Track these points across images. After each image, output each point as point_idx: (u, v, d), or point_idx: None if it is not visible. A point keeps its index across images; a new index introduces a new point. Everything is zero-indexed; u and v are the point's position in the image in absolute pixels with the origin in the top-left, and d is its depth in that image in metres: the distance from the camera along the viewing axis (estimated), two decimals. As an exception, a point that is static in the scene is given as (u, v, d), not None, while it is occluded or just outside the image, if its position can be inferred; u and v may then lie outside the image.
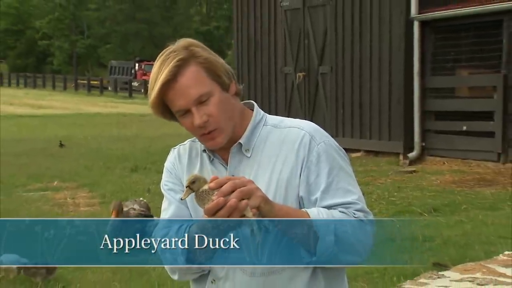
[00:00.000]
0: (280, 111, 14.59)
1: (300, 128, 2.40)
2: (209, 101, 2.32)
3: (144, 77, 53.67)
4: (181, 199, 2.36)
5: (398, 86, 13.12)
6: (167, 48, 2.38)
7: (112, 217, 7.51)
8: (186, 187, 2.24)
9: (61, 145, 17.44)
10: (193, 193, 2.24)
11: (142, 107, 39.29)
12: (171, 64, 2.29)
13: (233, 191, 2.17)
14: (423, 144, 12.86)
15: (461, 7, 12.35)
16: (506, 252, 4.17)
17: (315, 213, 2.28)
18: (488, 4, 12.05)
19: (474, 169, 11.75)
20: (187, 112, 2.32)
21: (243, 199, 2.17)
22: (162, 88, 2.29)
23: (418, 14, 12.64)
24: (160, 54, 2.36)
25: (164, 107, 2.35)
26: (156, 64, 2.33)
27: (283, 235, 2.31)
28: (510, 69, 11.79)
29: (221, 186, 2.17)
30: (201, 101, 2.31)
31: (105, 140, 19.81)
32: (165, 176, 2.54)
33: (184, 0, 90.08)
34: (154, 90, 2.30)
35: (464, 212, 8.55)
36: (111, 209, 7.58)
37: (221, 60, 2.38)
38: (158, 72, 2.31)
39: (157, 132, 21.63)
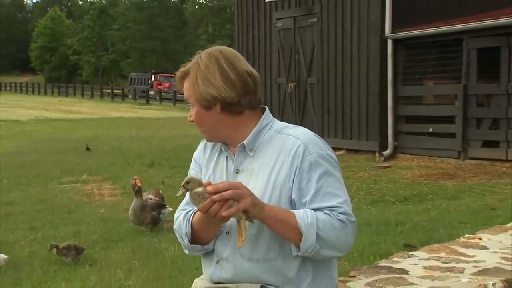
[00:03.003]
0: (274, 116, 14.40)
1: (297, 138, 2.36)
2: (193, 108, 2.40)
3: (159, 87, 53.70)
4: (176, 196, 2.38)
5: (374, 94, 13.12)
6: (206, 49, 2.41)
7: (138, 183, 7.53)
8: (181, 186, 2.23)
9: (88, 148, 16.74)
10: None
11: (157, 112, 39.31)
12: (182, 68, 2.39)
13: (227, 189, 2.17)
14: (396, 143, 12.86)
15: (428, 28, 12.35)
16: (466, 235, 4.16)
17: (301, 215, 2.25)
18: (450, 25, 12.06)
19: (439, 165, 11.75)
20: None
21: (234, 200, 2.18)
22: (177, 80, 2.42)
23: (391, 33, 12.65)
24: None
25: None
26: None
27: (274, 232, 2.30)
28: (469, 80, 11.79)
29: (218, 189, 2.17)
30: (191, 104, 2.40)
31: (126, 140, 19.81)
32: (192, 164, 2.56)
33: (193, 22, 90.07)
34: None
35: (430, 201, 8.53)
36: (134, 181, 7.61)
37: (215, 82, 2.32)
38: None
39: (169, 133, 21.65)
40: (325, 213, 2.26)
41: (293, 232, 2.24)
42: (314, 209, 2.27)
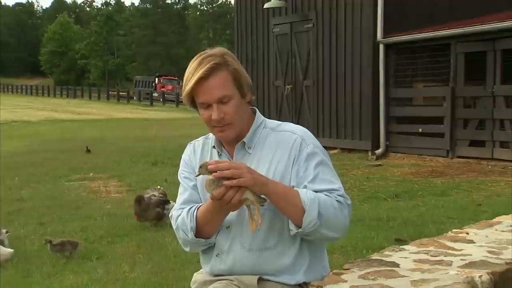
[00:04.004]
0: (272, 116, 14.49)
1: (293, 132, 2.40)
2: (229, 103, 2.31)
3: (162, 89, 53.71)
4: (196, 176, 2.37)
5: (367, 96, 13.12)
6: (204, 52, 2.35)
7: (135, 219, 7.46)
8: (199, 168, 2.25)
9: (88, 150, 16.00)
10: (203, 179, 2.25)
11: (161, 113, 39.30)
12: (207, 65, 2.28)
13: (228, 169, 2.16)
14: (387, 143, 12.86)
15: (417, 33, 12.36)
16: (454, 230, 4.15)
17: (304, 191, 2.27)
18: (439, 30, 12.07)
19: (428, 163, 11.76)
20: (209, 106, 2.31)
21: (235, 179, 2.16)
22: (196, 83, 2.28)
23: (383, 38, 12.65)
24: (198, 55, 2.34)
25: (191, 98, 2.34)
26: (194, 62, 2.31)
27: (277, 208, 2.29)
28: (457, 82, 11.80)
29: (219, 167, 2.17)
30: (222, 101, 2.30)
31: (131, 139, 19.79)
32: (182, 166, 2.52)
33: (195, 27, 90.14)
34: (189, 83, 2.29)
35: (420, 197, 8.53)
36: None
37: (246, 73, 2.37)
38: (196, 69, 2.29)
39: (172, 133, 21.63)
40: (325, 194, 2.29)
41: (296, 208, 2.25)
42: (314, 191, 2.29)
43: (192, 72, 2.30)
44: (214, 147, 2.45)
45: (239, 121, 2.35)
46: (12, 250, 6.31)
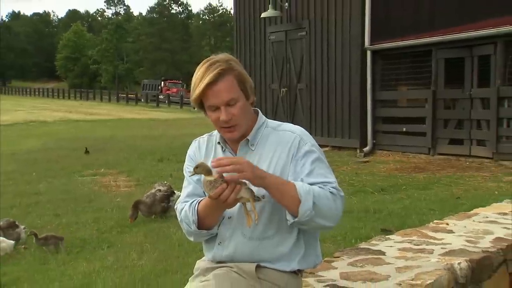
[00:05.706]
0: (268, 117, 14.04)
1: (292, 132, 2.40)
2: (235, 105, 2.30)
3: (167, 92, 53.57)
4: (189, 176, 2.38)
5: (356, 98, 13.12)
6: (211, 58, 2.34)
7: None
8: (193, 168, 2.24)
9: (87, 151, 15.25)
10: (202, 179, 2.24)
11: (166, 114, 39.23)
12: (215, 71, 2.27)
13: (229, 165, 2.15)
14: (374, 141, 12.87)
15: (401, 40, 12.36)
16: (435, 221, 4.16)
17: (300, 184, 2.26)
18: (421, 38, 12.07)
19: (411, 160, 11.76)
20: (217, 108, 2.30)
21: (239, 183, 2.16)
22: (206, 87, 2.27)
23: (370, 45, 12.65)
24: (205, 60, 2.33)
25: (200, 101, 2.33)
26: (201, 68, 2.30)
27: (275, 199, 2.28)
28: (437, 86, 11.81)
29: (221, 164, 2.16)
30: (229, 104, 2.29)
31: (139, 138, 19.76)
32: (187, 162, 2.51)
33: (197, 35, 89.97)
34: (199, 87, 2.28)
35: (404, 191, 8.54)
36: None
37: (248, 76, 2.38)
38: (204, 74, 2.28)
39: (177, 132, 21.60)
40: (319, 187, 2.28)
41: (292, 199, 2.22)
42: (310, 183, 2.28)
43: (200, 77, 2.28)
44: (219, 143, 2.45)
45: (244, 121, 2.35)
46: (14, 242, 6.30)
